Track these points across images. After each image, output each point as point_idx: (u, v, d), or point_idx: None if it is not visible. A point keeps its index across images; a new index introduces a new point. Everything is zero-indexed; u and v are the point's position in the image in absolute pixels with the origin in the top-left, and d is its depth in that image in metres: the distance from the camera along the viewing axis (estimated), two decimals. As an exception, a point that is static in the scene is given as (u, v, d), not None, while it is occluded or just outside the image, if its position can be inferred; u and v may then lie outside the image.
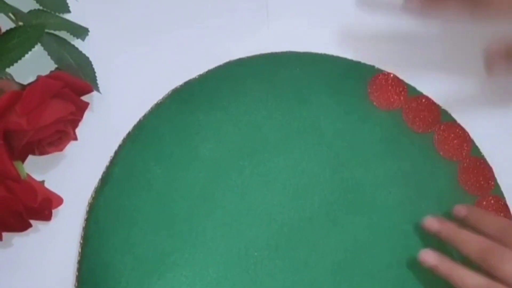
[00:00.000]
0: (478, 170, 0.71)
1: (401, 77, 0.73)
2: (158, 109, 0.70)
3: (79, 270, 0.65)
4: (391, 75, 0.73)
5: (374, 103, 0.71)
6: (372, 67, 0.73)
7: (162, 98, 0.70)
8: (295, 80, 0.72)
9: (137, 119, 0.69)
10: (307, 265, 0.66)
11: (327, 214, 0.68)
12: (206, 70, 0.72)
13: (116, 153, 0.69)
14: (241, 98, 0.70)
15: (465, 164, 0.71)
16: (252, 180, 0.68)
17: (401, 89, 0.73)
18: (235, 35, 0.74)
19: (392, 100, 0.72)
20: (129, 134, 0.69)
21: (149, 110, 0.70)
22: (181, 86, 0.71)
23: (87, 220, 0.66)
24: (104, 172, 0.68)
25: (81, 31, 0.70)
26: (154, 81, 0.71)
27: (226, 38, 0.74)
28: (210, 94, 0.70)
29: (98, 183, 0.68)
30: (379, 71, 0.73)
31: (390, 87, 0.73)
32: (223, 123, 0.69)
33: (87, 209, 0.67)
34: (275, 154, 0.69)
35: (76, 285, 0.65)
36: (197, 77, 0.71)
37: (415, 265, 0.67)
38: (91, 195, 0.67)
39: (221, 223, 0.66)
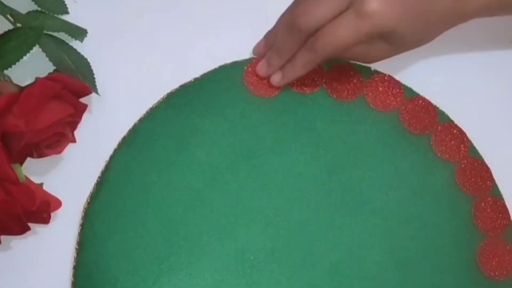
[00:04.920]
0: (476, 171, 0.71)
1: (397, 78, 0.73)
2: (153, 113, 0.70)
3: (75, 275, 0.65)
4: (388, 76, 0.73)
5: (371, 105, 0.71)
6: (369, 68, 0.73)
7: (157, 102, 0.70)
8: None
9: (137, 121, 0.69)
10: (304, 267, 0.66)
11: (324, 216, 0.68)
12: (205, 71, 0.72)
13: (111, 157, 0.68)
14: (236, 101, 0.70)
15: (462, 165, 0.71)
16: (248, 183, 0.68)
17: (397, 90, 0.73)
18: (231, 38, 0.74)
19: (388, 101, 0.72)
20: (124, 138, 0.69)
21: (144, 115, 0.70)
22: (176, 90, 0.71)
23: (83, 225, 0.66)
24: (99, 177, 0.68)
25: (79, 33, 0.70)
26: (153, 81, 0.71)
27: (225, 40, 0.74)
28: (205, 97, 0.70)
29: (93, 188, 0.67)
30: (376, 72, 0.73)
31: (386, 89, 0.72)
32: (219, 126, 0.69)
33: (82, 214, 0.67)
34: (271, 157, 0.69)
35: None
36: (192, 80, 0.71)
37: (412, 267, 0.67)
38: (86, 200, 0.67)
39: (217, 226, 0.66)
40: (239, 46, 0.73)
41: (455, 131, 0.72)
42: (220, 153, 0.68)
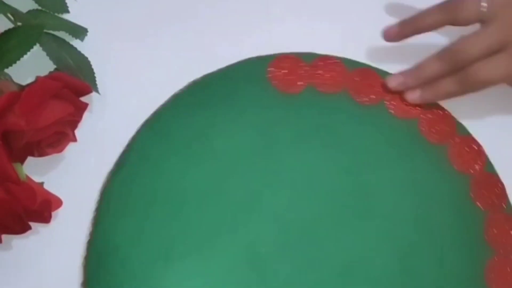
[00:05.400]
0: (491, 187, 0.70)
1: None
2: (176, 100, 0.70)
3: (88, 250, 0.65)
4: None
5: (391, 110, 0.71)
6: (391, 75, 0.73)
7: (181, 90, 0.71)
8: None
9: (137, 120, 0.70)
10: (313, 265, 0.65)
11: (336, 216, 0.67)
12: (208, 71, 0.72)
13: (133, 138, 0.69)
14: (259, 94, 0.71)
15: (477, 178, 0.70)
16: (263, 177, 0.68)
17: (418, 99, 0.73)
18: (231, 39, 0.74)
19: (408, 109, 0.72)
20: (147, 121, 0.69)
21: (166, 101, 0.71)
22: (199, 78, 0.72)
23: (99, 202, 0.66)
24: (119, 156, 0.68)
25: (80, 32, 0.70)
26: (153, 81, 0.71)
27: (231, 37, 0.74)
28: (228, 88, 0.71)
29: (113, 167, 0.68)
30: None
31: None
32: (239, 119, 0.69)
33: (100, 191, 0.67)
34: (288, 153, 0.69)
35: (84, 264, 0.65)
36: (216, 70, 0.72)
37: (419, 275, 0.66)
38: (106, 178, 0.67)
39: (230, 216, 0.66)
40: (258, 41, 0.73)
41: (472, 144, 0.72)
42: (238, 145, 0.68)
